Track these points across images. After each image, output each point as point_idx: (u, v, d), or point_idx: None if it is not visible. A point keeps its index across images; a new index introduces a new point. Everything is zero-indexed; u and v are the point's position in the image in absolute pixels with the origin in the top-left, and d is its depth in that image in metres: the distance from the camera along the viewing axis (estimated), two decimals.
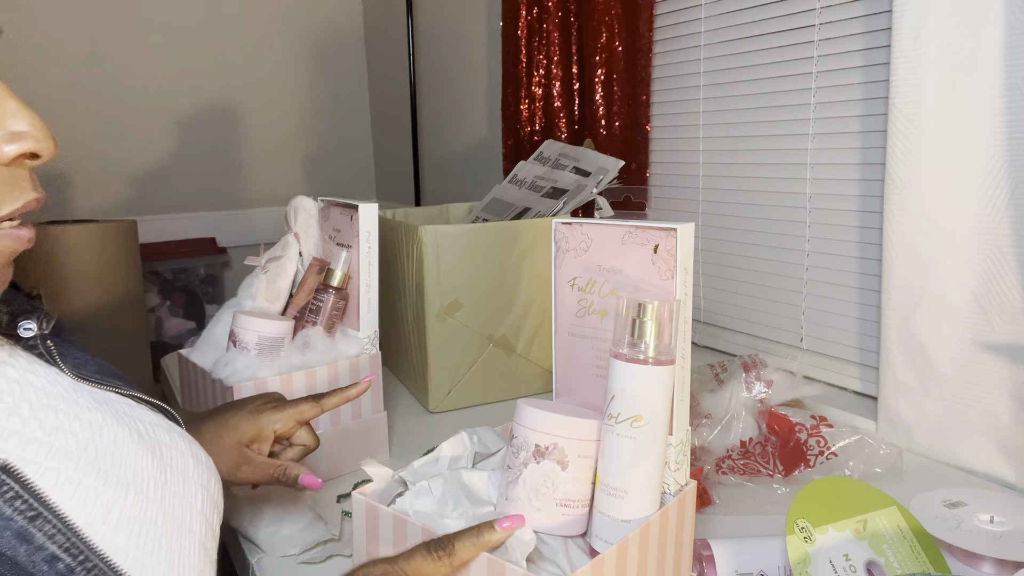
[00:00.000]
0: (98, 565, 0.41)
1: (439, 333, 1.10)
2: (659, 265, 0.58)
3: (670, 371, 0.55)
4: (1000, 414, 0.84)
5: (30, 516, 0.39)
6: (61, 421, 0.46)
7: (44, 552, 0.39)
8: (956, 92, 0.82)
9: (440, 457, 0.64)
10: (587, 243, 0.62)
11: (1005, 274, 0.82)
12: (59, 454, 0.43)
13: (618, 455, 0.55)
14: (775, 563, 0.64)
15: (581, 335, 0.64)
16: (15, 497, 0.39)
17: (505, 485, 0.58)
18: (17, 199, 0.42)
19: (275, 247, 1.00)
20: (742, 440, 0.86)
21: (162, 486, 0.49)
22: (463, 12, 1.95)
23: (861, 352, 1.08)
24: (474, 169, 2.01)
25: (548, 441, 0.56)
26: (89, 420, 0.48)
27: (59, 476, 0.42)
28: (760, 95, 1.18)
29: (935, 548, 0.63)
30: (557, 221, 0.64)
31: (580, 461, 0.57)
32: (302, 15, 2.39)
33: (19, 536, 0.39)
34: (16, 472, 0.40)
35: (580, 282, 0.63)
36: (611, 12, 1.35)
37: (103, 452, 0.46)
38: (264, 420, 0.68)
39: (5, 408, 0.44)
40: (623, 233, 0.60)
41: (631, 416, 0.54)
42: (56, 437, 0.44)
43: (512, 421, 0.60)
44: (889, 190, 0.89)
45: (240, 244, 2.31)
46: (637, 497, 0.55)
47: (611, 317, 0.61)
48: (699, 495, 0.80)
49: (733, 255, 1.27)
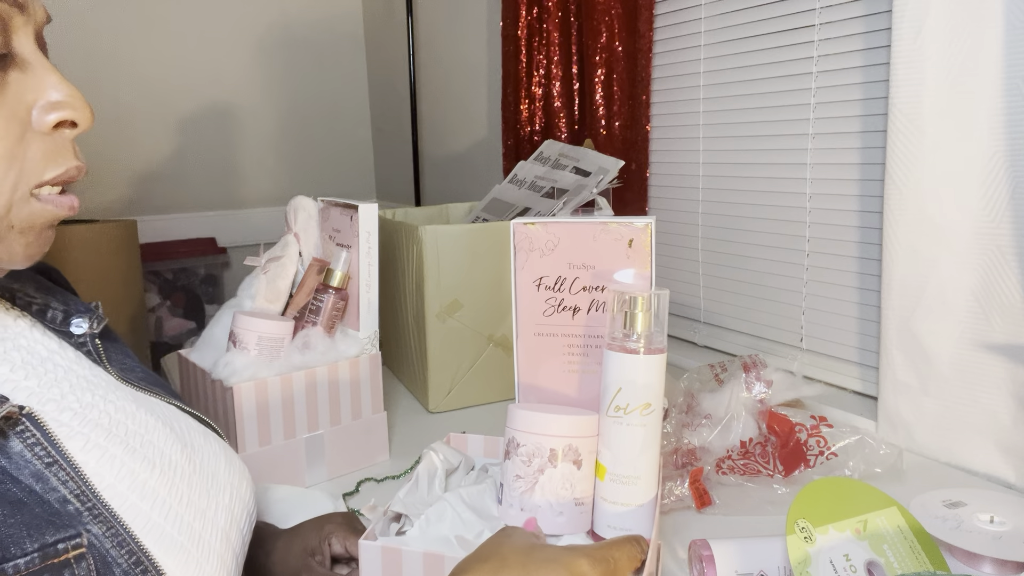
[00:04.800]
0: (103, 514, 0.45)
1: (439, 333, 1.10)
2: (634, 259, 0.61)
3: (664, 358, 0.58)
4: (1000, 414, 0.84)
5: (47, 462, 0.44)
6: (96, 401, 0.51)
7: (57, 493, 0.44)
8: (956, 92, 0.82)
9: (420, 482, 0.63)
10: (554, 242, 0.63)
11: (1005, 274, 0.82)
12: (90, 423, 0.49)
13: (629, 444, 0.56)
14: (775, 563, 0.64)
15: (550, 334, 0.65)
16: (35, 444, 0.45)
17: (517, 496, 0.58)
18: (60, 165, 0.46)
19: (275, 247, 1.00)
20: (742, 440, 0.86)
21: (189, 475, 0.52)
22: (463, 12, 1.95)
23: (861, 352, 1.08)
24: (474, 169, 2.01)
25: (563, 444, 0.57)
26: (124, 406, 0.53)
27: (88, 441, 0.47)
28: (760, 95, 1.18)
29: (935, 548, 0.63)
30: (517, 222, 0.64)
31: (589, 458, 0.58)
32: (302, 15, 2.39)
33: (36, 476, 0.44)
34: (39, 421, 0.45)
35: (548, 281, 0.64)
36: (611, 12, 1.35)
37: (133, 433, 0.51)
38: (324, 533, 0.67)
39: (47, 381, 0.50)
40: (595, 230, 0.61)
41: (640, 405, 0.56)
42: (90, 412, 0.50)
43: (510, 429, 0.59)
44: (889, 190, 0.89)
45: (240, 244, 2.31)
46: (647, 481, 0.57)
47: (583, 313, 0.63)
48: (699, 495, 0.80)
49: (733, 255, 1.27)
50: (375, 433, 0.96)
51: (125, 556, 0.45)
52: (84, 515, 0.44)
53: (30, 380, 0.49)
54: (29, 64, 0.45)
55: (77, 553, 0.42)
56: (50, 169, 0.46)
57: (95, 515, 0.45)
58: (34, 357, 0.51)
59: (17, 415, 0.45)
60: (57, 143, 0.46)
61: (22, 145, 0.44)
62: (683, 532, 0.76)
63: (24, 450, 0.44)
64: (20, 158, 0.44)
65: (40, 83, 0.45)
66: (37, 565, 0.40)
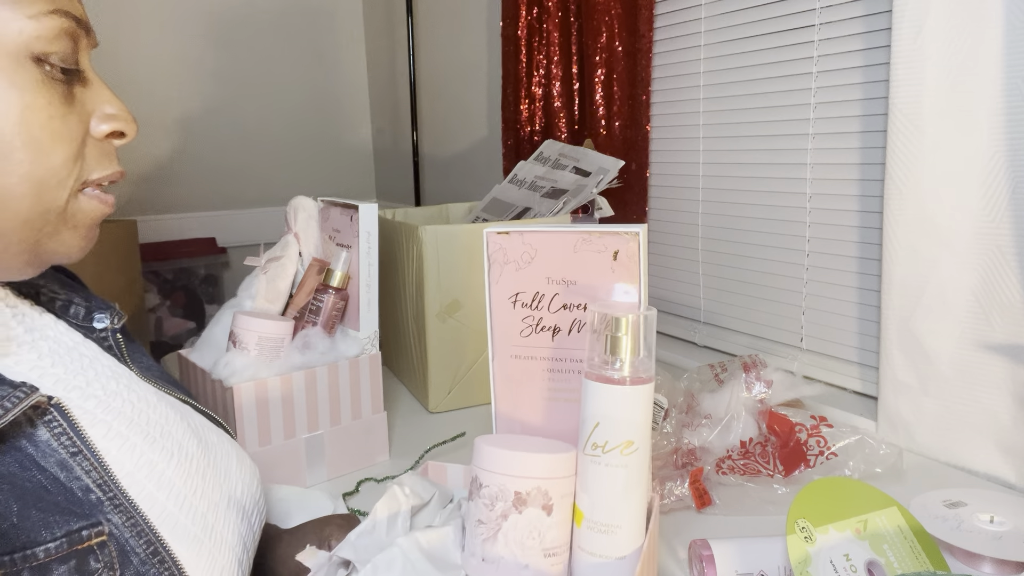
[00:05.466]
0: (123, 504, 0.47)
1: (439, 333, 1.10)
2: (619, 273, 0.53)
3: (651, 388, 0.50)
4: (1000, 414, 0.84)
5: (72, 451, 0.47)
6: (120, 390, 0.54)
7: (80, 482, 0.46)
8: (956, 92, 0.82)
9: (377, 522, 0.54)
10: (531, 254, 0.55)
11: (1005, 274, 0.82)
12: (113, 412, 0.51)
13: (608, 487, 0.49)
14: (775, 563, 0.64)
15: (528, 356, 0.57)
16: (62, 433, 0.47)
17: (479, 544, 0.50)
18: (107, 168, 0.52)
19: (275, 247, 1.00)
20: (742, 440, 0.86)
21: (204, 468, 0.55)
22: (463, 12, 1.95)
23: (861, 352, 1.08)
24: (474, 169, 2.01)
25: (530, 486, 0.49)
26: (145, 396, 0.56)
27: (110, 429, 0.50)
28: (760, 95, 1.18)
29: (935, 548, 0.63)
30: (490, 230, 0.56)
31: (563, 501, 0.50)
32: (302, 15, 2.39)
33: (61, 464, 0.46)
34: (66, 412, 0.48)
35: (525, 298, 0.56)
36: (611, 12, 1.35)
37: (153, 423, 0.54)
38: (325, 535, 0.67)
39: (73, 369, 0.53)
40: (575, 240, 0.53)
41: (621, 443, 0.49)
42: (113, 400, 0.52)
43: (474, 466, 0.52)
44: (889, 190, 0.89)
45: (240, 244, 2.31)
46: (629, 530, 0.50)
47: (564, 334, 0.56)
48: (699, 495, 0.80)
49: (733, 255, 1.27)
50: (375, 433, 0.96)
51: (143, 546, 0.47)
52: (105, 504, 0.46)
53: (57, 368, 0.52)
54: (90, 80, 0.52)
55: (99, 540, 0.45)
56: (97, 170, 0.51)
57: (115, 504, 0.47)
58: (60, 347, 0.54)
59: (46, 404, 0.47)
60: (105, 149, 0.52)
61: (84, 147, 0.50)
62: (683, 532, 0.76)
63: (51, 439, 0.47)
64: (82, 158, 0.50)
65: (98, 97, 0.52)
66: (65, 550, 0.43)
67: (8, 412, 0.44)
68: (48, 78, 0.48)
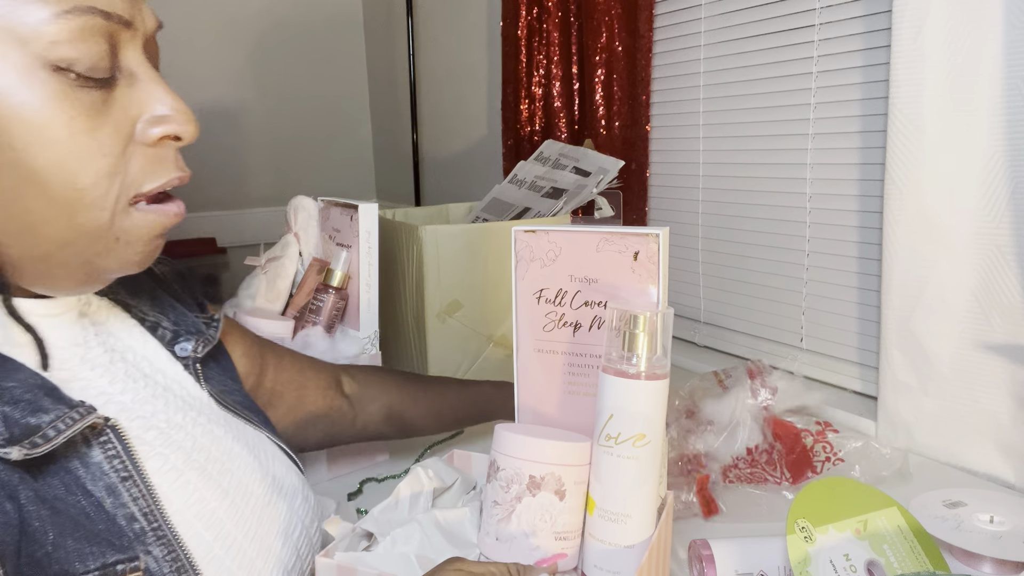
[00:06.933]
0: (167, 537, 0.45)
1: (439, 333, 1.10)
2: (640, 273, 0.54)
3: (667, 384, 0.52)
4: (1000, 414, 0.84)
5: (123, 476, 0.45)
6: (185, 423, 0.52)
7: (126, 510, 0.44)
8: (956, 92, 0.82)
9: (400, 500, 0.58)
10: (555, 252, 0.57)
11: (1005, 274, 0.82)
12: (172, 446, 0.49)
13: (620, 478, 0.51)
14: (775, 563, 0.64)
15: (550, 351, 0.59)
16: (115, 456, 0.45)
17: (494, 523, 0.53)
18: (160, 177, 0.47)
19: (275, 247, 1.00)
20: (748, 448, 0.85)
21: (262, 508, 0.52)
22: (463, 12, 1.95)
23: (861, 352, 1.08)
24: (474, 169, 2.01)
25: (544, 471, 0.52)
26: (211, 430, 0.53)
27: (166, 461, 0.48)
28: (760, 95, 1.18)
29: (935, 548, 0.63)
30: (518, 228, 0.59)
31: (576, 488, 0.53)
32: (302, 14, 2.39)
33: (109, 489, 0.44)
34: (121, 435, 0.46)
35: (548, 294, 0.58)
36: (611, 12, 1.35)
37: (214, 459, 0.51)
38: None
39: (141, 398, 0.51)
40: (597, 240, 0.55)
41: (633, 435, 0.50)
42: (176, 433, 0.50)
43: (493, 450, 0.55)
44: (889, 190, 0.89)
45: (240, 244, 2.31)
46: (639, 520, 0.52)
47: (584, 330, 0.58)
48: (706, 503, 0.79)
49: (733, 255, 1.27)
50: None
51: None
52: (148, 535, 0.44)
53: (125, 395, 0.50)
54: (136, 77, 0.45)
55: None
56: (149, 181, 0.46)
57: (159, 536, 0.45)
58: (137, 371, 0.52)
59: (102, 426, 0.45)
60: (159, 155, 0.47)
61: (124, 158, 0.44)
62: (683, 532, 0.76)
63: (103, 461, 0.45)
64: (123, 172, 0.44)
65: (147, 96, 0.46)
66: None
67: (60, 433, 0.42)
68: (72, 88, 0.42)
